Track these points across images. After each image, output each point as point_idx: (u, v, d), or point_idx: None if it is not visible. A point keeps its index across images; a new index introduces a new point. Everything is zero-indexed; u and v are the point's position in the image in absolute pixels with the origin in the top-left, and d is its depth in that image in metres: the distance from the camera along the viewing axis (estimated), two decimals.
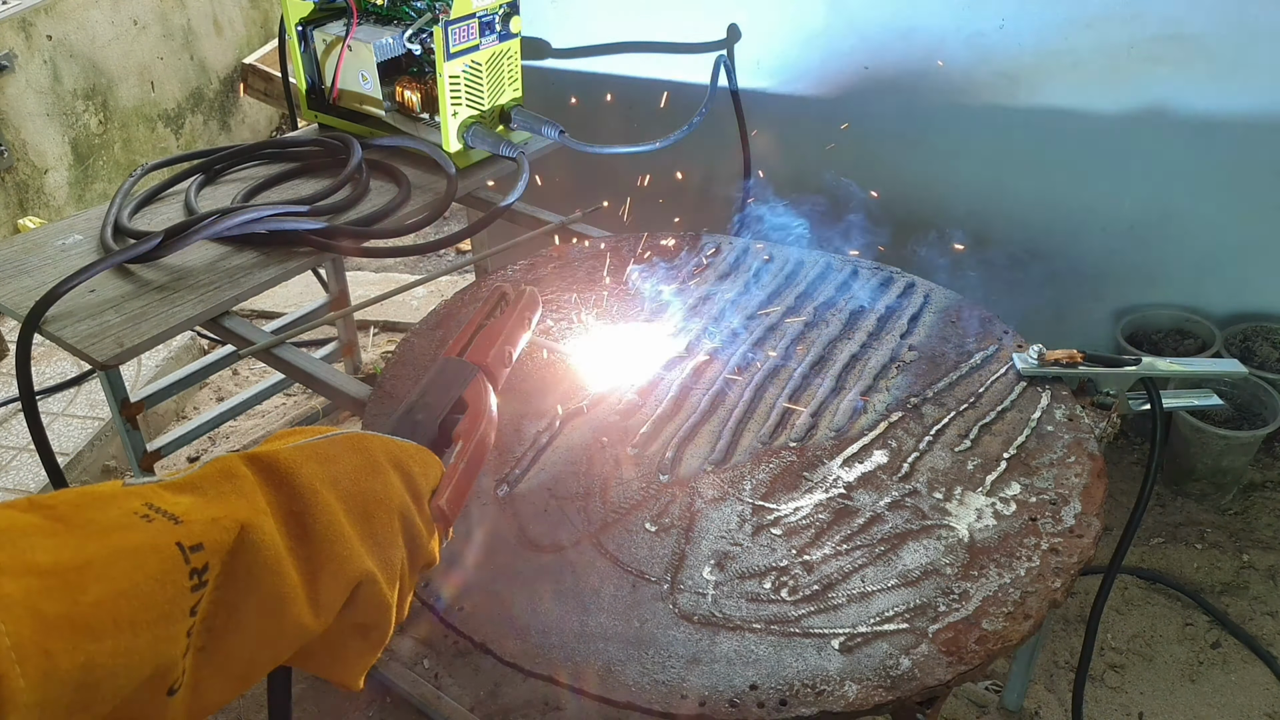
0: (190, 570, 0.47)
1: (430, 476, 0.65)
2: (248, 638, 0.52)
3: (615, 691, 0.86)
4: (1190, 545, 1.90)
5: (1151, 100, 1.69)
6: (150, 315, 1.34)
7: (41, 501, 0.47)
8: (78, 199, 3.25)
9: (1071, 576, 0.96)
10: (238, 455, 0.55)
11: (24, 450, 2.20)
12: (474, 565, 0.99)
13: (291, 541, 0.54)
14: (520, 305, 0.85)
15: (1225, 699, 1.64)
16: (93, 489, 0.49)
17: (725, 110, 1.97)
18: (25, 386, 1.29)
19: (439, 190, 1.66)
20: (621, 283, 1.46)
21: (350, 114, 1.84)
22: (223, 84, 3.88)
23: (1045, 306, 1.99)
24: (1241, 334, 1.91)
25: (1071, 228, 1.87)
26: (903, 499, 1.06)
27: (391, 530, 0.60)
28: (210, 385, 2.59)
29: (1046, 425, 1.16)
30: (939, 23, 1.76)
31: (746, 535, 1.02)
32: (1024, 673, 1.57)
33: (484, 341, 0.80)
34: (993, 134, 1.83)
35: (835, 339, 1.33)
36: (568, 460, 1.13)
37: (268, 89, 3.83)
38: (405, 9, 1.73)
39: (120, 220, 1.54)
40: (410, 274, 3.07)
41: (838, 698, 0.85)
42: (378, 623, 0.59)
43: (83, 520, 0.46)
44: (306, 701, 1.69)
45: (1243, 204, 1.76)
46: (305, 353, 1.42)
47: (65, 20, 3.13)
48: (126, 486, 0.50)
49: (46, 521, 0.45)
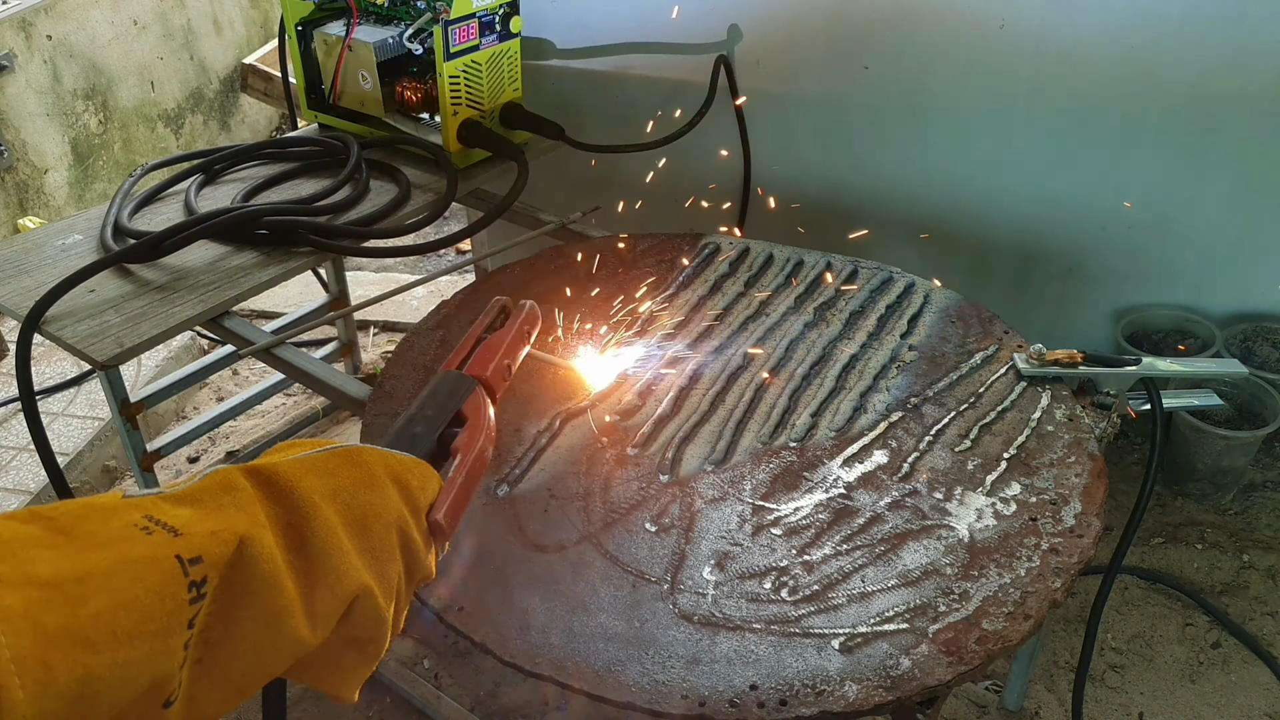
0: (189, 583, 0.47)
1: (428, 490, 0.65)
2: (245, 650, 0.52)
3: (615, 691, 0.86)
4: (1190, 545, 1.90)
5: (1152, 100, 1.69)
6: (150, 315, 1.34)
7: (42, 513, 0.47)
8: (78, 199, 3.25)
9: (1071, 576, 0.96)
10: (237, 468, 0.55)
11: (24, 450, 2.20)
12: (474, 565, 0.99)
13: (289, 554, 0.54)
14: (520, 319, 0.86)
15: (1225, 699, 1.64)
16: (93, 500, 0.49)
17: (725, 110, 1.97)
18: (25, 386, 1.29)
19: (439, 190, 1.66)
20: (621, 283, 1.46)
21: (350, 114, 1.84)
22: (223, 84, 3.88)
23: (1045, 306, 1.99)
24: (1241, 334, 1.91)
25: (1071, 228, 1.87)
26: (903, 499, 1.06)
27: (389, 544, 0.60)
28: (210, 385, 2.59)
29: (1046, 425, 1.16)
30: (939, 23, 1.76)
31: (746, 535, 1.02)
32: (1024, 673, 1.57)
33: (483, 355, 0.80)
34: (993, 134, 1.83)
35: (835, 339, 1.33)
36: (568, 460, 1.13)
37: (268, 89, 3.83)
38: (405, 9, 1.73)
39: (120, 220, 1.54)
40: (410, 274, 3.07)
41: (838, 698, 0.85)
42: (374, 636, 0.59)
43: (83, 532, 0.46)
44: (306, 701, 1.69)
45: (1243, 204, 1.76)
46: (305, 353, 1.42)
47: (65, 20, 3.13)
48: (126, 498, 0.50)
49: (47, 533, 0.45)
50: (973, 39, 1.74)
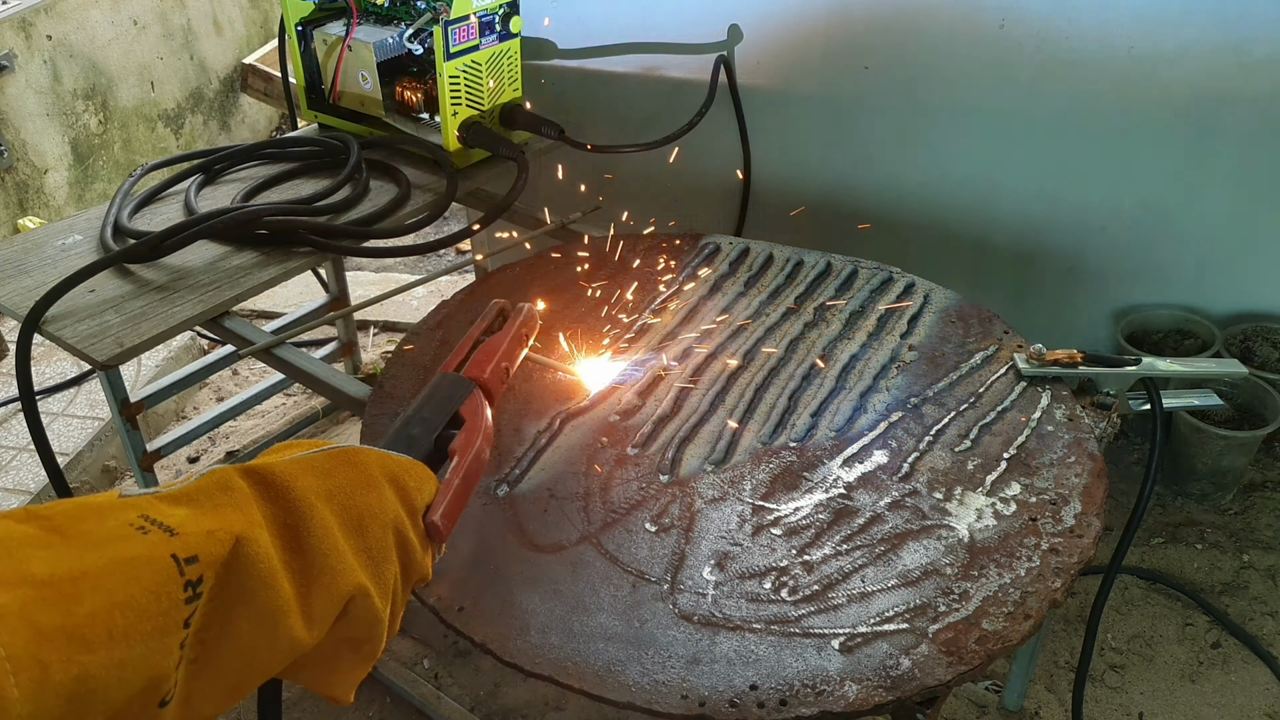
0: (185, 582, 0.47)
1: (425, 491, 0.66)
2: (240, 650, 0.52)
3: (615, 692, 0.86)
4: (1190, 545, 1.90)
5: (1152, 99, 1.69)
6: (150, 315, 1.34)
7: (38, 512, 0.47)
8: (78, 199, 3.25)
9: (1071, 576, 0.96)
10: (233, 467, 0.55)
11: (24, 450, 2.20)
12: (474, 565, 0.99)
13: (286, 554, 0.54)
14: (518, 322, 0.86)
15: (1225, 699, 1.64)
16: (89, 500, 0.49)
17: (725, 110, 1.97)
18: (25, 386, 1.29)
19: (439, 190, 1.66)
20: (621, 283, 1.46)
21: (350, 114, 1.84)
22: (223, 84, 3.88)
23: (1045, 306, 1.99)
24: (1242, 334, 1.91)
25: (1071, 227, 1.87)
26: (903, 499, 1.06)
27: (385, 544, 0.60)
28: (210, 385, 2.59)
29: (1046, 425, 1.16)
30: (939, 22, 1.76)
31: (746, 535, 1.02)
32: (1024, 673, 1.57)
33: (481, 357, 0.81)
34: (993, 133, 1.83)
35: (835, 339, 1.33)
36: (568, 460, 1.13)
37: (268, 89, 3.83)
38: (405, 9, 1.73)
39: (120, 220, 1.54)
40: (410, 274, 3.07)
41: (838, 698, 0.85)
42: (370, 637, 0.59)
43: (79, 532, 0.46)
44: (306, 701, 1.69)
45: (1243, 204, 1.76)
46: (305, 353, 1.42)
47: (65, 20, 3.13)
48: (123, 498, 0.50)
49: (43, 533, 0.45)
50: (973, 39, 1.74)
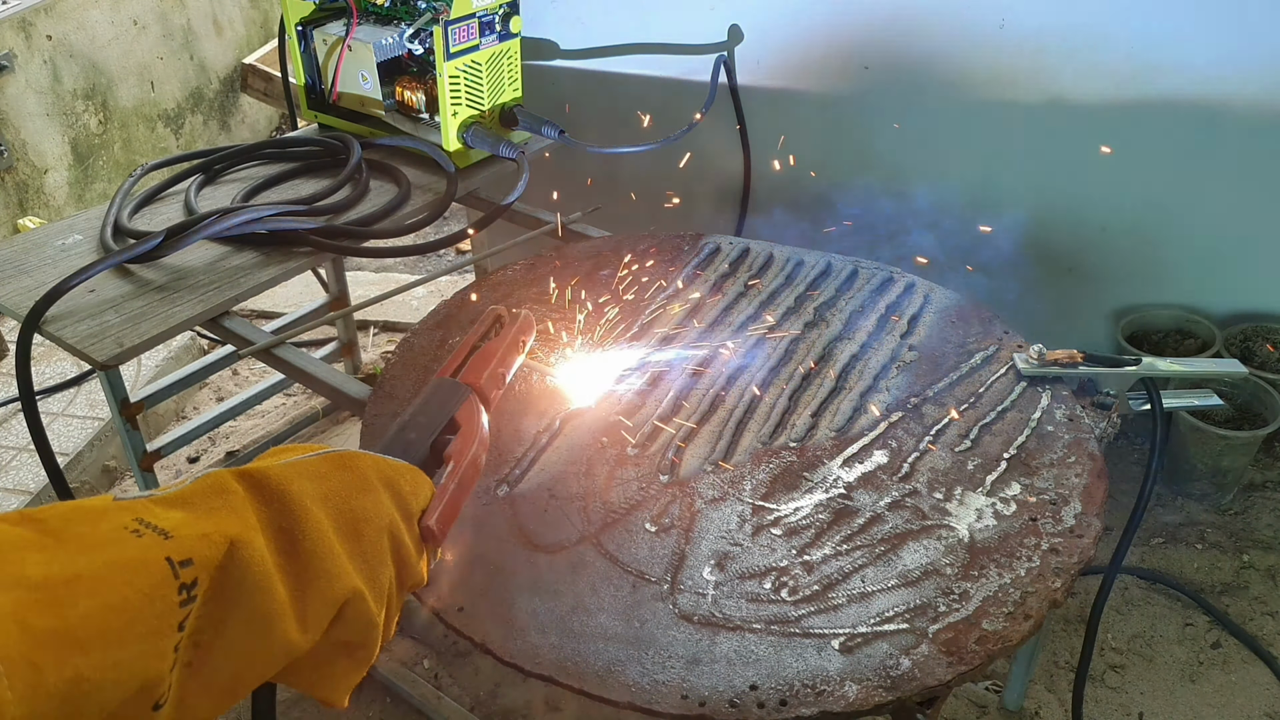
0: (179, 585, 0.47)
1: (420, 496, 0.66)
2: (234, 653, 0.52)
3: (615, 692, 0.86)
4: (1190, 545, 1.90)
5: (1152, 99, 1.69)
6: (150, 315, 1.34)
7: (32, 515, 0.47)
8: (78, 199, 3.25)
9: (1071, 576, 0.96)
10: (229, 471, 0.55)
11: (24, 450, 2.20)
12: (474, 565, 0.99)
13: (280, 558, 0.54)
14: (515, 329, 0.86)
15: (1225, 699, 1.64)
16: (83, 503, 0.49)
17: (725, 110, 1.97)
18: (25, 386, 1.29)
19: (439, 190, 1.66)
20: (621, 283, 1.46)
21: (350, 114, 1.84)
22: (223, 84, 3.88)
23: (1045, 306, 1.99)
24: (1241, 334, 1.91)
25: (1071, 227, 1.87)
26: (903, 499, 1.06)
27: (380, 548, 0.60)
28: (210, 385, 2.59)
29: (1046, 425, 1.16)
30: (939, 23, 1.76)
31: (746, 535, 1.02)
32: (1024, 673, 1.57)
33: (478, 363, 0.81)
34: (992, 133, 1.83)
35: (835, 339, 1.33)
36: (568, 460, 1.13)
37: (268, 89, 3.83)
38: (405, 9, 1.73)
39: (120, 220, 1.54)
40: (410, 274, 3.07)
41: (838, 698, 0.85)
42: (364, 641, 0.59)
43: (73, 534, 0.46)
44: (305, 700, 1.69)
45: (1243, 203, 1.76)
46: (305, 353, 1.42)
47: (65, 20, 3.13)
48: (117, 501, 0.50)
49: (37, 535, 0.45)
50: (972, 39, 1.75)
